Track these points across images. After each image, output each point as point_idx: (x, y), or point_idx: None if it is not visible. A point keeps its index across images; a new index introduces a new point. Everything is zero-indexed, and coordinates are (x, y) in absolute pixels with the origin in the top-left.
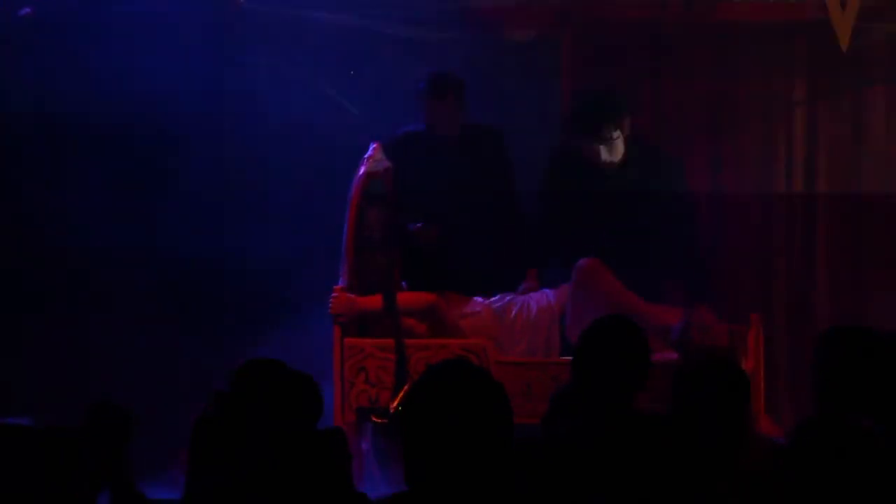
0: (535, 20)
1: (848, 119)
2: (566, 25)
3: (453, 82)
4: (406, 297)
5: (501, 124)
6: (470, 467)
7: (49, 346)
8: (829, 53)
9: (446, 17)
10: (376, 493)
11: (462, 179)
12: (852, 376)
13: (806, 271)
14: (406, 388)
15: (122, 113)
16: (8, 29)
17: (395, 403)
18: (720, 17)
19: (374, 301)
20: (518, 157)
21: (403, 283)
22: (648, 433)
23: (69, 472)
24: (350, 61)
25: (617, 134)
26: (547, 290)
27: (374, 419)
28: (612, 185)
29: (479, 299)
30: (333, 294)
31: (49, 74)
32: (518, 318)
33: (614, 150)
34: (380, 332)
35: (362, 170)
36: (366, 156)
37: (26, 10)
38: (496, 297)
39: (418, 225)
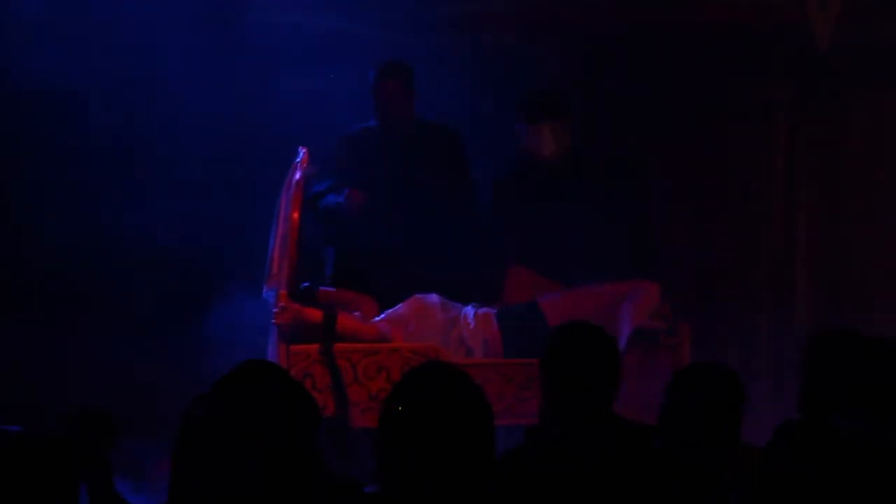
0: (526, 23)
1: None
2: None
3: (398, 67)
4: (353, 326)
5: (502, 125)
6: (450, 471)
7: (31, 351)
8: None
9: (437, 21)
10: None
11: (407, 177)
12: (839, 379)
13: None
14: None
15: (110, 117)
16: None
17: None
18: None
19: (317, 314)
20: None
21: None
22: (635, 443)
23: (51, 476)
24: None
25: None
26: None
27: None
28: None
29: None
30: (280, 304)
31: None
32: (455, 335)
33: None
34: (312, 336)
35: (298, 175)
36: (297, 160)
37: None
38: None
39: (346, 191)
